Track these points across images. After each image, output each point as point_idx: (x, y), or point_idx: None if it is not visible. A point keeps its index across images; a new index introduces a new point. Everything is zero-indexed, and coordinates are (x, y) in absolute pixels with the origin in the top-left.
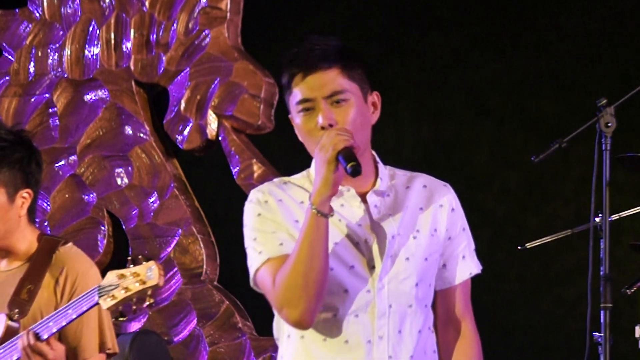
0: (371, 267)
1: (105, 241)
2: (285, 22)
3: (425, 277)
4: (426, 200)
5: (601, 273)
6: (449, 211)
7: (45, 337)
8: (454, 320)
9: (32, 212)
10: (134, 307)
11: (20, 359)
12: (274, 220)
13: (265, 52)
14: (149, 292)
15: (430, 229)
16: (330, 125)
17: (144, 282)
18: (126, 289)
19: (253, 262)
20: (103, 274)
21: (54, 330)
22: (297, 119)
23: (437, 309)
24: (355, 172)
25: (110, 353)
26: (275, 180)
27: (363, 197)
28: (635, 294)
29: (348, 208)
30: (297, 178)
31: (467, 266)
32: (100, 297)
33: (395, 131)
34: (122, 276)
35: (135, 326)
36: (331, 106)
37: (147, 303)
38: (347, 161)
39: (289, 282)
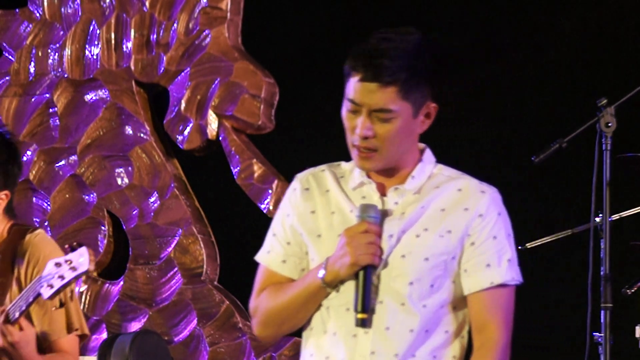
0: None
1: (105, 241)
2: (285, 22)
3: (423, 277)
4: (453, 202)
5: (601, 273)
6: (474, 216)
7: (15, 317)
8: (478, 328)
9: (10, 210)
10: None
11: None
12: (289, 215)
13: (265, 52)
14: (83, 278)
15: (441, 230)
16: (366, 138)
17: (75, 269)
18: (62, 277)
19: (262, 249)
20: (104, 275)
21: (17, 315)
22: (344, 107)
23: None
24: (362, 324)
25: (80, 335)
26: (325, 165)
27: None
28: (635, 294)
29: (366, 202)
30: (338, 165)
31: (489, 275)
32: (40, 287)
33: None
34: (58, 265)
35: (135, 326)
36: (374, 119)
37: (85, 287)
38: (359, 306)
39: (267, 313)
